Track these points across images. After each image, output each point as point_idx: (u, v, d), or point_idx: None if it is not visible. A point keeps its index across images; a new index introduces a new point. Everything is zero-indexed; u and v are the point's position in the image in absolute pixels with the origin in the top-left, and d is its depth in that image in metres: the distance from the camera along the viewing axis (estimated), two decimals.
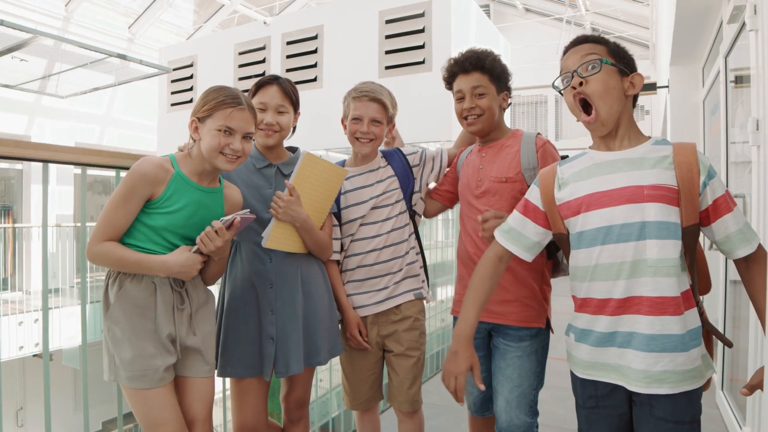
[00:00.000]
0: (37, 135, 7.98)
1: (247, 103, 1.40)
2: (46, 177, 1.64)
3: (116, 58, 6.17)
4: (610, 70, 1.18)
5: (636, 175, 1.15)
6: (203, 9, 10.61)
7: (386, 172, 1.80)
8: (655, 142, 1.19)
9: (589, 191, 1.19)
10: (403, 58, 5.26)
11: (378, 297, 1.76)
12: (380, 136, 1.76)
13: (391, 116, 1.79)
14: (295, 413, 1.73)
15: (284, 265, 1.60)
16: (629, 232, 1.13)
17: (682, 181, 1.12)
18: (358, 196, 1.76)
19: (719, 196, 1.14)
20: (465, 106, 1.63)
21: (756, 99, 1.94)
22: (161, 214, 1.35)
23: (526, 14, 12.18)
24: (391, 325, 1.77)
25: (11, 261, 7.28)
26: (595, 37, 1.25)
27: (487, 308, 1.53)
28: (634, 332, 1.13)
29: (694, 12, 3.24)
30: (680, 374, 1.11)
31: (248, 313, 1.59)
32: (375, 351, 1.80)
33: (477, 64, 1.62)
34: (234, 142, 1.36)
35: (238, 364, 1.57)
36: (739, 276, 1.21)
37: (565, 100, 1.25)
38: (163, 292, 1.37)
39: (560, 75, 1.25)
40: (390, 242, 1.76)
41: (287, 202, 1.52)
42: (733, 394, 2.66)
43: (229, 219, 1.36)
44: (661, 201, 1.12)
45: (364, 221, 1.76)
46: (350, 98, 1.76)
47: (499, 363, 1.60)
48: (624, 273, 1.14)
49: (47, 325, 1.69)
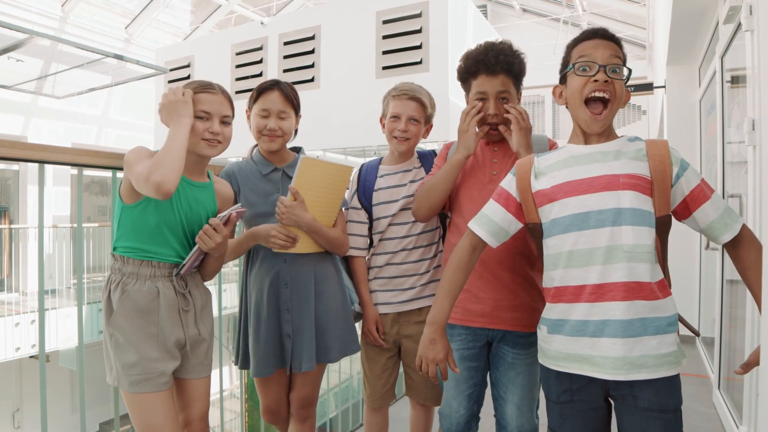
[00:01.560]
0: (33, 136, 7.95)
1: (218, 87, 1.45)
2: (42, 178, 1.64)
3: (113, 58, 6.16)
4: (623, 80, 1.23)
5: (612, 165, 1.19)
6: (200, 9, 10.59)
7: (419, 174, 1.81)
8: (628, 138, 1.24)
9: (566, 179, 1.22)
10: (401, 58, 5.26)
11: (403, 296, 1.78)
12: (417, 135, 1.77)
13: (430, 115, 1.81)
14: (301, 412, 1.75)
15: (298, 265, 1.65)
16: (605, 218, 1.15)
17: (655, 173, 1.17)
18: (390, 195, 1.78)
19: (695, 186, 1.18)
20: (490, 111, 1.54)
21: (752, 99, 1.95)
22: (158, 210, 1.36)
23: (523, 14, 12.20)
24: (413, 326, 1.78)
25: (8, 262, 7.26)
26: (618, 39, 1.25)
27: (494, 314, 1.52)
28: (608, 320, 1.13)
29: (690, 12, 3.25)
30: (658, 358, 1.12)
31: (269, 314, 1.64)
32: (392, 349, 1.82)
33: (507, 68, 1.53)
34: (213, 126, 1.41)
35: (269, 363, 1.64)
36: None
37: (572, 86, 1.23)
38: (166, 296, 1.38)
39: (580, 60, 1.22)
40: (420, 244, 1.77)
41: (289, 207, 1.54)
42: (729, 393, 2.66)
43: (225, 215, 1.39)
44: (636, 189, 1.15)
45: (394, 221, 1.77)
46: (390, 97, 1.78)
47: (508, 372, 1.53)
48: (599, 258, 1.15)
49: (44, 327, 1.69)
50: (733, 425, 2.40)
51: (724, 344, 2.77)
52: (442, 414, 1.64)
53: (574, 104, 1.24)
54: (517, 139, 1.51)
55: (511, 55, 1.54)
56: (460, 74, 1.61)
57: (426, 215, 1.64)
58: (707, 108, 3.69)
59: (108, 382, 1.39)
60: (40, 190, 1.64)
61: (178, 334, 1.39)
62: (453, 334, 1.58)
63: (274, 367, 1.65)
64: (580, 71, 1.22)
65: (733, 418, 2.44)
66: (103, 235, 7.59)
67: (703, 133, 3.96)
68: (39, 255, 1.68)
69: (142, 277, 1.36)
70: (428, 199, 1.60)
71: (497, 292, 1.53)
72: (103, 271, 7.63)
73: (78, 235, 1.93)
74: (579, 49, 1.24)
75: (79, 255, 4.09)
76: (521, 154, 1.49)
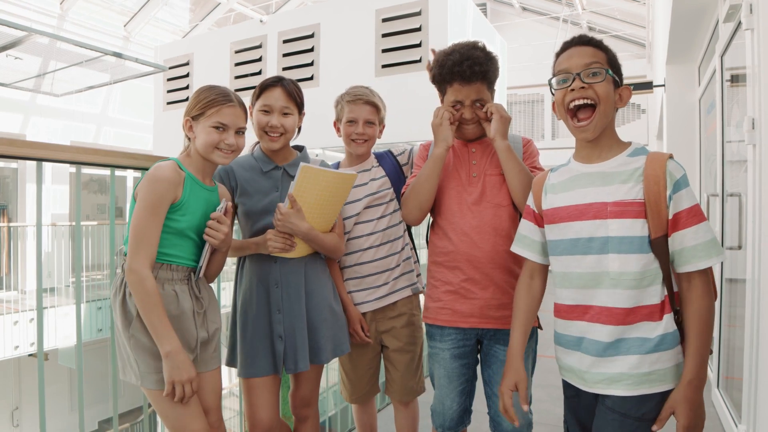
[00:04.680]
0: (32, 134, 7.94)
1: (237, 99, 1.47)
2: (40, 176, 1.63)
3: (112, 56, 6.15)
4: (609, 80, 1.21)
5: (604, 191, 1.20)
6: (199, 7, 10.58)
7: (378, 172, 1.84)
8: (632, 152, 1.22)
9: (562, 203, 1.26)
10: (400, 56, 5.25)
11: (377, 293, 1.80)
12: (374, 137, 1.82)
13: (382, 117, 1.86)
14: (301, 411, 1.75)
15: (289, 265, 1.63)
16: (593, 246, 1.20)
17: (648, 194, 1.15)
18: (353, 194, 1.77)
19: (680, 210, 1.14)
20: (466, 116, 1.56)
21: (752, 98, 1.95)
22: (184, 216, 1.40)
23: (522, 13, 12.20)
24: (389, 321, 1.81)
25: (6, 260, 7.25)
26: (598, 42, 1.25)
27: (484, 314, 1.55)
28: (594, 339, 1.19)
29: (690, 11, 3.25)
30: (638, 377, 1.15)
31: (259, 314, 1.63)
32: (374, 346, 1.84)
33: (482, 77, 1.53)
34: (228, 137, 1.43)
35: (255, 364, 1.61)
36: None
37: (556, 99, 1.27)
38: (184, 299, 1.43)
39: (557, 74, 1.25)
40: (386, 239, 1.80)
41: (285, 215, 1.53)
42: (728, 392, 2.67)
43: (222, 207, 1.45)
44: (624, 216, 1.16)
45: (359, 219, 1.79)
46: (344, 102, 1.81)
47: (501, 370, 1.50)
48: (587, 283, 1.21)
49: (42, 325, 1.68)
50: (732, 424, 2.40)
51: (723, 343, 2.78)
52: (434, 411, 1.65)
53: (561, 117, 1.26)
54: (496, 127, 1.52)
55: (486, 62, 1.52)
56: (434, 80, 1.61)
57: (417, 216, 1.63)
58: (707, 107, 3.69)
59: (123, 378, 1.44)
60: (38, 188, 1.63)
61: (194, 334, 1.44)
62: (443, 335, 1.60)
63: (263, 369, 1.61)
64: (558, 85, 1.25)
65: (732, 417, 2.45)
66: (101, 233, 7.58)
67: (702, 132, 3.96)
68: (37, 253, 1.67)
69: (161, 280, 1.39)
70: (417, 198, 1.60)
71: (486, 291, 1.54)
72: (102, 270, 7.62)
73: (77, 233, 1.92)
74: (557, 63, 1.27)
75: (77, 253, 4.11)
76: (497, 142, 1.52)
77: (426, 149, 1.70)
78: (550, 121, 10.41)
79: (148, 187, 1.35)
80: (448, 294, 1.58)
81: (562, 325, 1.28)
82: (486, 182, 1.58)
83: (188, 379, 1.33)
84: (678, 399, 1.12)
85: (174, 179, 1.37)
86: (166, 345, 1.31)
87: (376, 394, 1.95)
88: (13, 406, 7.74)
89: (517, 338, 1.35)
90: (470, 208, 1.57)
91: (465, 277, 1.55)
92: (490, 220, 1.55)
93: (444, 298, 1.58)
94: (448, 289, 1.57)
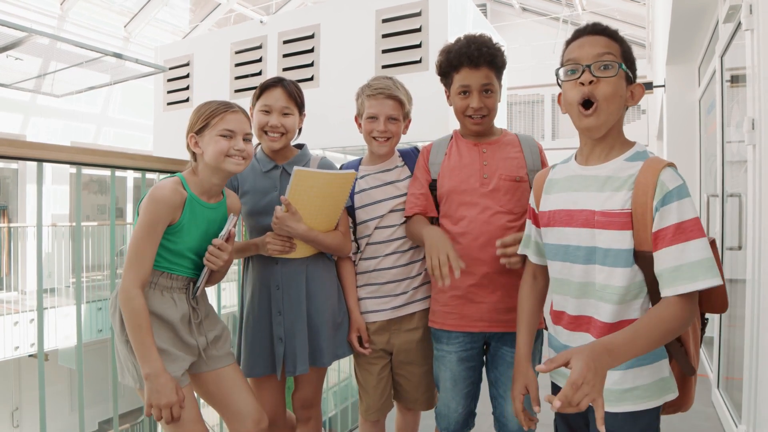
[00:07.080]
0: (32, 134, 7.93)
1: (239, 107, 1.47)
2: (41, 176, 1.64)
3: (112, 56, 6.15)
4: (621, 75, 1.11)
5: (594, 197, 1.12)
6: (199, 8, 10.58)
7: (403, 172, 1.71)
8: (631, 156, 1.12)
9: (556, 206, 1.21)
10: (400, 57, 5.25)
11: (395, 302, 1.68)
12: (397, 134, 1.68)
13: (407, 112, 1.71)
14: (301, 413, 1.73)
15: (290, 267, 1.63)
16: (580, 255, 1.14)
17: (636, 204, 1.06)
18: (374, 196, 1.69)
19: (665, 227, 1.02)
20: (473, 105, 1.51)
21: (752, 98, 1.95)
22: (181, 238, 1.41)
23: (522, 13, 12.19)
24: (405, 333, 1.69)
25: (6, 261, 7.25)
26: (612, 32, 1.14)
27: (492, 317, 1.53)
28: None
29: (690, 11, 3.25)
30: (619, 393, 1.11)
31: (261, 316, 1.63)
32: (384, 357, 1.71)
33: (490, 60, 1.49)
34: (237, 143, 1.42)
35: (256, 365, 1.62)
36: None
37: (563, 90, 1.17)
38: (181, 309, 1.43)
39: (566, 63, 1.15)
40: (410, 245, 1.68)
41: (280, 219, 1.51)
42: (729, 392, 2.67)
43: (224, 234, 1.44)
44: (611, 227, 1.09)
45: (381, 224, 1.67)
46: (364, 96, 1.67)
47: (507, 372, 1.52)
48: (574, 291, 1.16)
49: (42, 325, 1.68)
50: (732, 424, 2.40)
51: (723, 343, 2.78)
52: (439, 414, 1.63)
53: (567, 109, 1.17)
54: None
55: (493, 47, 1.51)
56: (441, 68, 1.58)
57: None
58: (707, 107, 3.69)
59: (122, 381, 1.45)
60: (38, 189, 1.63)
61: (191, 342, 1.44)
62: (450, 338, 1.57)
63: (263, 370, 1.61)
64: (566, 75, 1.14)
65: (732, 417, 2.45)
66: (102, 233, 7.59)
67: (702, 133, 3.96)
68: (38, 254, 1.67)
69: (160, 287, 1.41)
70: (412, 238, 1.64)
71: (494, 294, 1.52)
72: (102, 270, 7.62)
73: (77, 233, 1.92)
74: (567, 51, 1.16)
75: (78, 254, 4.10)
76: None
77: (428, 152, 1.66)
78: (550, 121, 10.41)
79: (146, 207, 1.35)
80: (455, 299, 1.55)
81: (553, 329, 1.26)
82: (498, 186, 1.53)
83: (167, 404, 1.29)
84: (578, 350, 0.93)
85: (173, 202, 1.36)
86: (146, 367, 1.30)
87: (387, 412, 1.78)
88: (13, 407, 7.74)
89: (523, 341, 1.31)
90: (480, 211, 1.52)
91: (472, 281, 1.52)
92: (500, 224, 1.51)
93: (451, 303, 1.55)
94: (454, 294, 1.54)
